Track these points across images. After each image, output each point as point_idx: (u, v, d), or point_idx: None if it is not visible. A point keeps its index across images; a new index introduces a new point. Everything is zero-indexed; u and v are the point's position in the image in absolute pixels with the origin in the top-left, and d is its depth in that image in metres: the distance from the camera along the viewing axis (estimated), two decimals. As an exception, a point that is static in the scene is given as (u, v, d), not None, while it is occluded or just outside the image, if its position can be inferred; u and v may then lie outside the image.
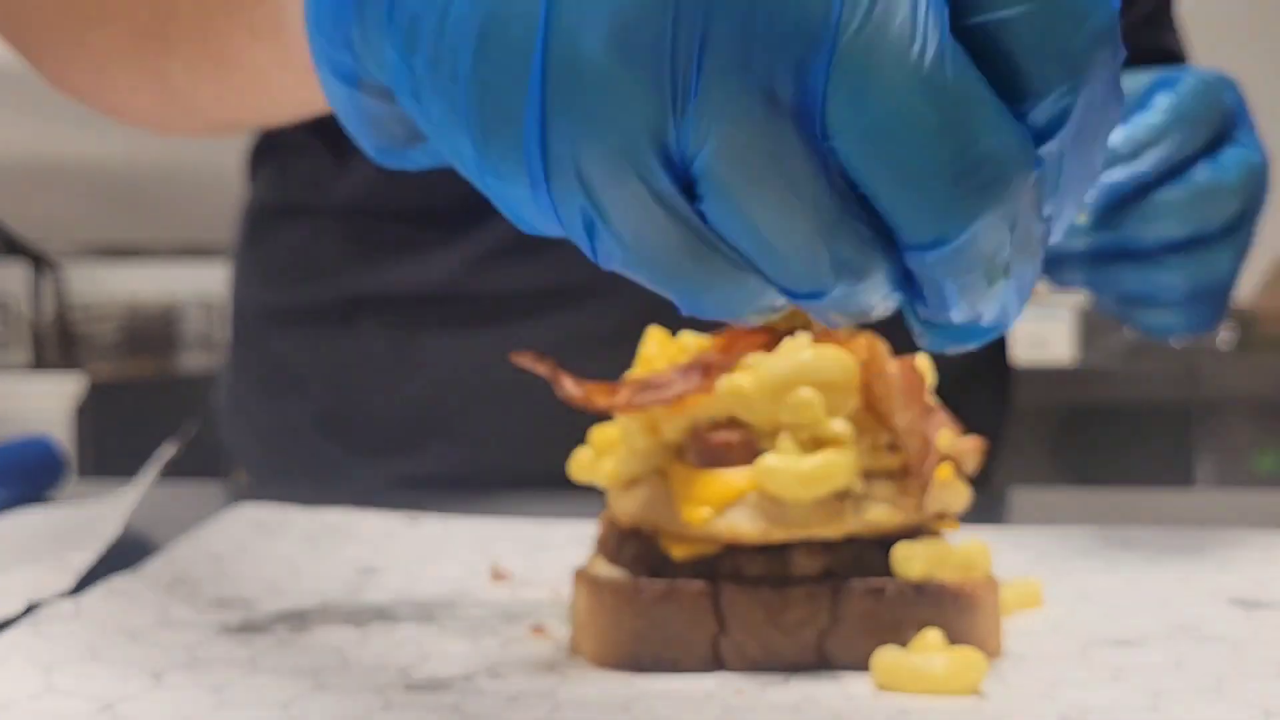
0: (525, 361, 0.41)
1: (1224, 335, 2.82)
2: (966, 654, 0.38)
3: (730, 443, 0.41)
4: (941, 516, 0.43)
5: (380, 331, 0.80)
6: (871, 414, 0.41)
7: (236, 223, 0.88)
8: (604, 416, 0.43)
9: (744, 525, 0.40)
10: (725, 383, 0.41)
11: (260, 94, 0.46)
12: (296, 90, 0.44)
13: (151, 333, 3.06)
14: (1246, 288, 2.98)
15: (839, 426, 0.40)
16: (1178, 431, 2.35)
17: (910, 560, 0.41)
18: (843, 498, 0.40)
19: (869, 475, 0.41)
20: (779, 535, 0.40)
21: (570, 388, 0.41)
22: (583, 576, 0.42)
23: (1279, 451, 2.39)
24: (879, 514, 0.41)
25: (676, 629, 0.40)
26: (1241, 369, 2.53)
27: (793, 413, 0.40)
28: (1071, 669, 0.40)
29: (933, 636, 0.39)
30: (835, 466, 0.40)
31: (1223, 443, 2.39)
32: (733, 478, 0.40)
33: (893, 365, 0.41)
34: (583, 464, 0.45)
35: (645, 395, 0.41)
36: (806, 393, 0.40)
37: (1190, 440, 2.37)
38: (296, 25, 0.36)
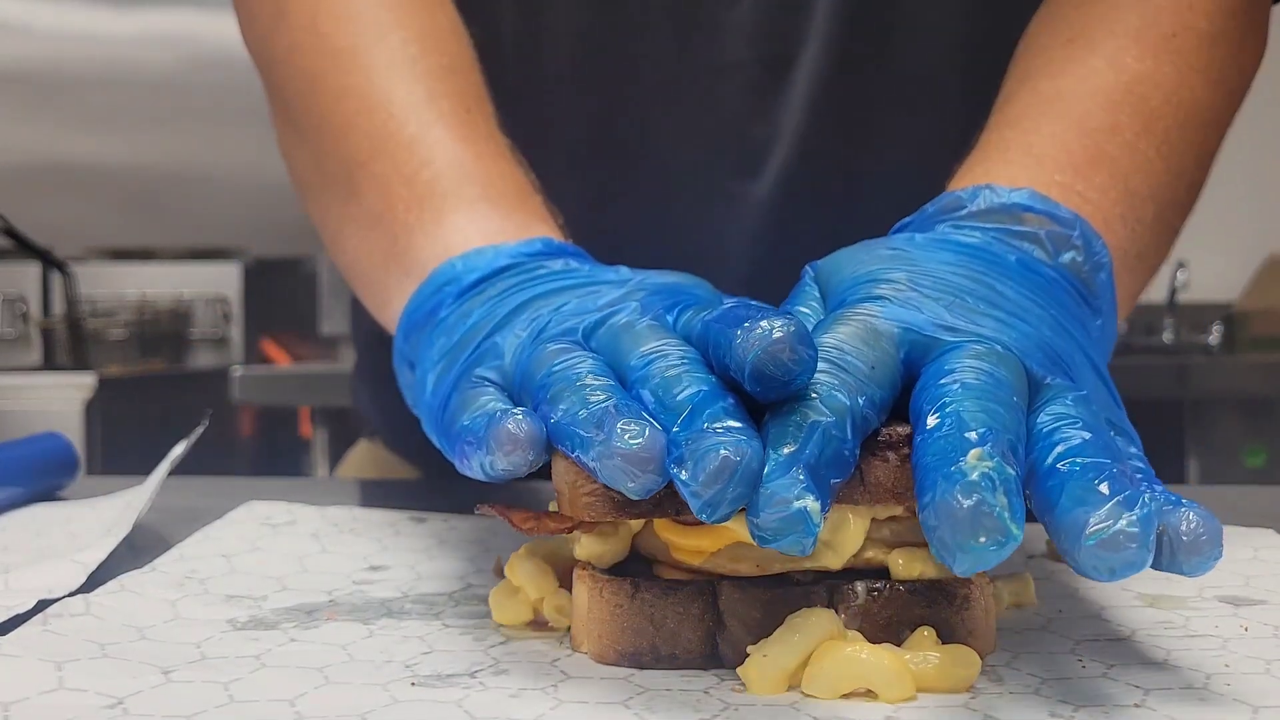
0: (484, 511, 0.44)
1: (1214, 334, 2.83)
2: (959, 652, 0.39)
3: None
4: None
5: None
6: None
7: None
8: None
9: (740, 561, 0.41)
10: None
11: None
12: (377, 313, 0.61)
13: (161, 332, 3.07)
14: (1236, 289, 2.98)
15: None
16: (1168, 429, 2.35)
17: (904, 559, 0.41)
18: None
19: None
20: (776, 568, 0.41)
21: (522, 521, 0.42)
22: (583, 574, 0.43)
23: (1268, 449, 2.39)
24: (882, 554, 0.42)
25: (675, 626, 0.41)
26: (1231, 368, 2.54)
27: None
28: (1063, 666, 0.41)
29: (926, 634, 0.40)
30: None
31: (1212, 441, 2.39)
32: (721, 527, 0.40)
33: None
34: (503, 603, 0.46)
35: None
36: None
37: (1180, 438, 2.37)
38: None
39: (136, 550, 0.56)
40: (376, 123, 0.59)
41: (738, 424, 0.36)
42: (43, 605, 0.46)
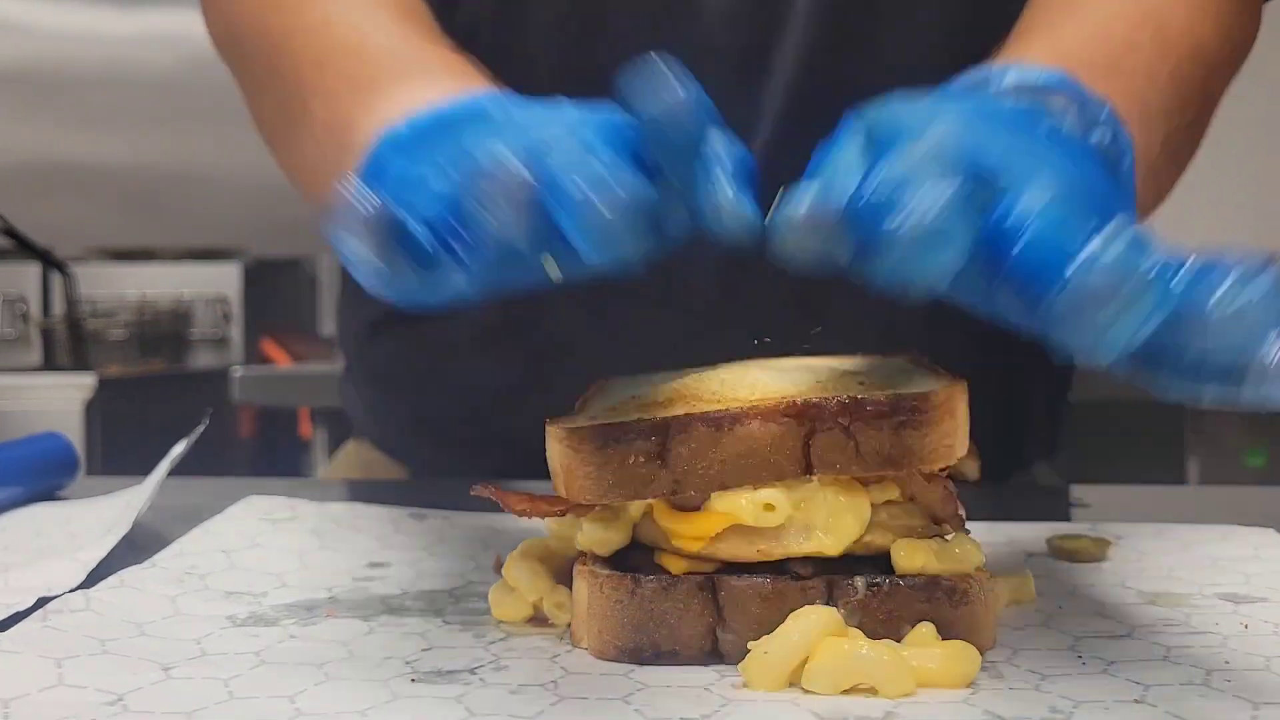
0: (480, 491, 0.44)
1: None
2: (960, 647, 0.39)
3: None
4: (939, 521, 0.43)
5: (412, 349, 0.84)
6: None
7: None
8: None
9: (740, 546, 0.41)
10: None
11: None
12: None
13: (161, 332, 3.06)
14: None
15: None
16: (1168, 430, 2.35)
17: (906, 555, 0.41)
18: None
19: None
20: (776, 554, 0.41)
21: (517, 504, 0.42)
22: (583, 570, 0.43)
23: (1268, 450, 2.39)
24: (880, 537, 0.42)
25: (675, 622, 0.41)
26: (1232, 368, 2.53)
27: None
28: (1063, 662, 0.41)
29: (926, 630, 0.40)
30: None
31: (1212, 441, 2.39)
32: (720, 509, 0.41)
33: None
34: (503, 599, 0.46)
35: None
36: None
37: (1180, 438, 2.37)
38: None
39: (136, 548, 0.56)
40: (327, 44, 0.60)
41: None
42: (42, 604, 0.46)
